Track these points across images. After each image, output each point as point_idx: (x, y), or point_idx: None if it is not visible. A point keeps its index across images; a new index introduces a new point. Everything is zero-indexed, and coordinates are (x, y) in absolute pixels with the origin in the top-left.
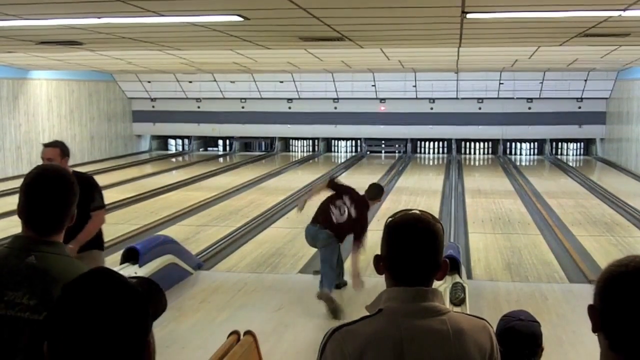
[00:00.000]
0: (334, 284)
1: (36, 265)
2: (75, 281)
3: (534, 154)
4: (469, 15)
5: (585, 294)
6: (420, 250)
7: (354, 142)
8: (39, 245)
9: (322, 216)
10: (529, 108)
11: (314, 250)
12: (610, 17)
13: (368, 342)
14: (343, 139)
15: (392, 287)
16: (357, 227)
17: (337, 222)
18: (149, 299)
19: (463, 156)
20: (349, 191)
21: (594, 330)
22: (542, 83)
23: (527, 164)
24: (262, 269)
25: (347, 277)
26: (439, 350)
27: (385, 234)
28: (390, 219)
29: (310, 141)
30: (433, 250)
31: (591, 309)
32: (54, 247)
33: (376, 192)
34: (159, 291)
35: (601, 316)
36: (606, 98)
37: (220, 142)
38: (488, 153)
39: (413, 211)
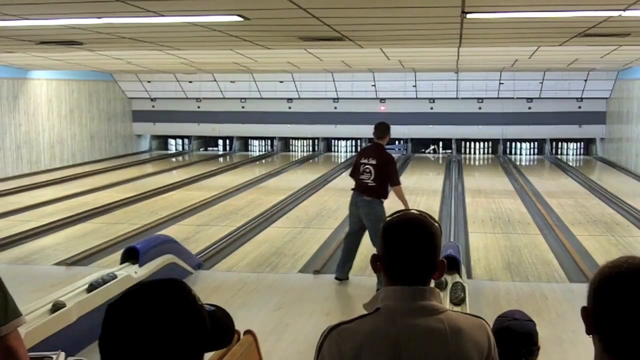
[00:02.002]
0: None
1: None
2: (142, 286)
3: (534, 154)
4: (469, 15)
5: (585, 293)
6: (417, 250)
7: (354, 142)
8: None
9: (359, 186)
10: (529, 108)
11: (314, 249)
12: (610, 17)
13: (365, 340)
14: (343, 138)
15: (390, 286)
16: (388, 169)
17: (371, 183)
18: (212, 325)
19: (463, 156)
20: (361, 154)
21: (587, 332)
22: (542, 83)
23: (527, 163)
24: (262, 269)
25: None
26: (436, 349)
27: (383, 234)
28: (387, 218)
29: (310, 141)
30: (430, 250)
31: (585, 311)
32: None
33: (381, 129)
34: (229, 323)
35: (595, 318)
36: (606, 98)
37: (220, 142)
38: (488, 153)
39: (411, 211)
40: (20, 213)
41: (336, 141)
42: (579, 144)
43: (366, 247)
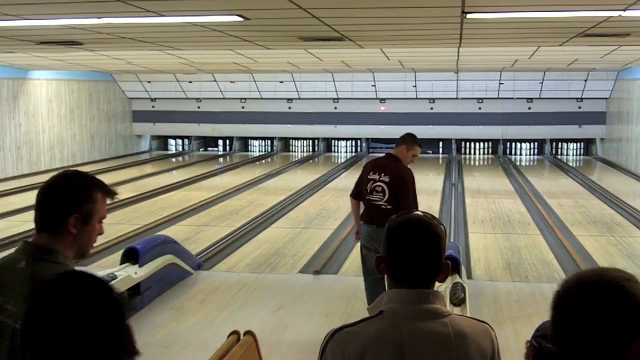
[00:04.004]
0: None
1: (25, 270)
2: (48, 283)
3: (534, 154)
4: (469, 15)
5: None
6: (421, 252)
7: (354, 142)
8: (36, 251)
9: (371, 212)
10: (529, 108)
11: (314, 250)
12: (610, 17)
13: (368, 343)
14: (343, 139)
15: (394, 289)
16: (405, 191)
17: (386, 206)
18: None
19: (463, 156)
20: (369, 168)
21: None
22: (542, 83)
23: (527, 164)
24: (262, 269)
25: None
26: (439, 353)
27: (387, 235)
28: (391, 219)
29: (310, 141)
30: (434, 252)
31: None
32: (50, 254)
33: (404, 137)
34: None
35: (556, 330)
36: (606, 98)
37: (220, 142)
38: (488, 153)
39: (415, 212)
40: (20, 213)
41: (336, 141)
42: (579, 144)
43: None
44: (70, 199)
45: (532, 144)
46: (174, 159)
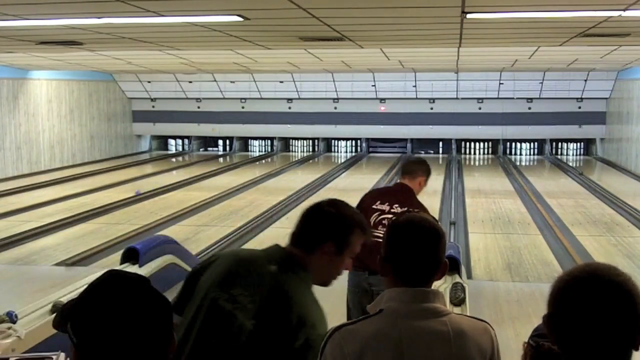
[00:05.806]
0: None
1: (274, 275)
2: (93, 286)
3: (534, 154)
4: (469, 15)
5: None
6: (421, 251)
7: (354, 142)
8: (290, 261)
9: (360, 254)
10: (529, 108)
11: None
12: (610, 17)
13: (368, 342)
14: (343, 139)
15: (394, 288)
16: None
17: None
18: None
19: (463, 156)
20: (375, 197)
21: (552, 344)
22: (542, 83)
23: (527, 164)
24: None
25: None
26: (439, 352)
27: (387, 235)
28: (392, 220)
29: (310, 141)
30: (434, 251)
31: (544, 318)
32: (302, 270)
33: (412, 162)
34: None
35: (553, 323)
36: (606, 98)
37: (220, 142)
38: (488, 153)
39: (415, 213)
40: (20, 213)
41: (336, 141)
42: (579, 144)
43: None
44: (333, 226)
45: (532, 144)
46: (174, 159)
